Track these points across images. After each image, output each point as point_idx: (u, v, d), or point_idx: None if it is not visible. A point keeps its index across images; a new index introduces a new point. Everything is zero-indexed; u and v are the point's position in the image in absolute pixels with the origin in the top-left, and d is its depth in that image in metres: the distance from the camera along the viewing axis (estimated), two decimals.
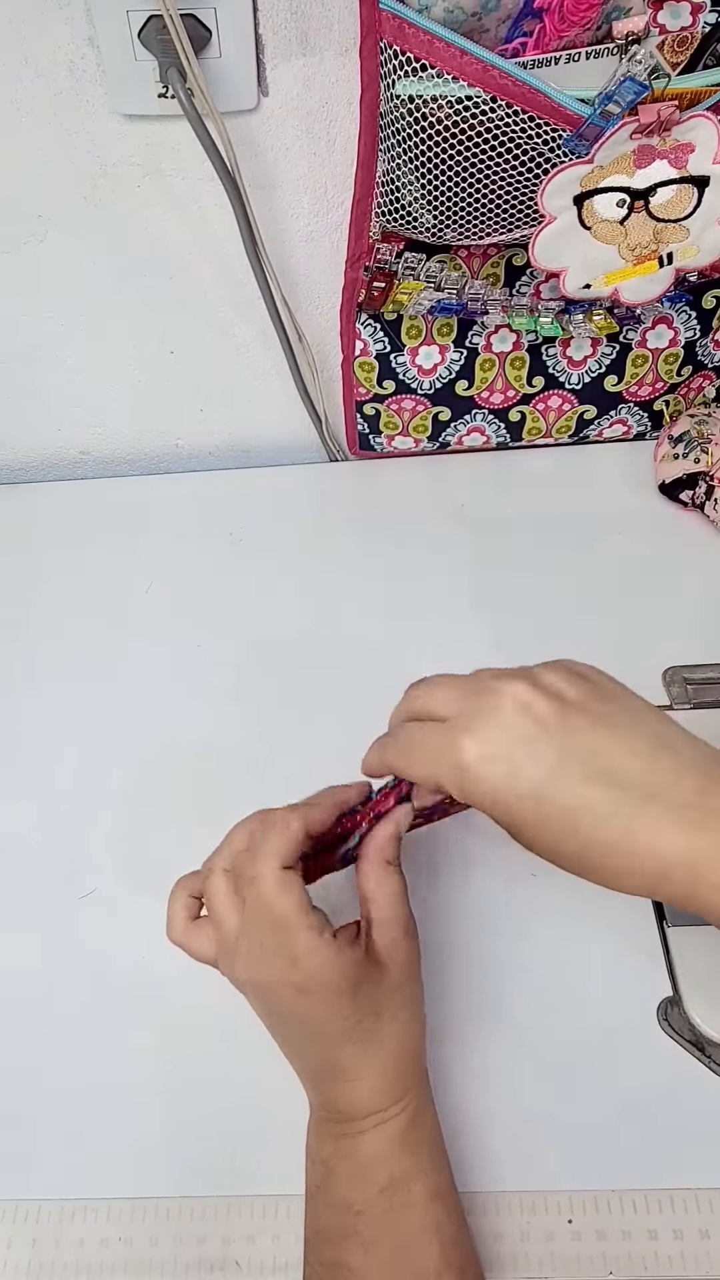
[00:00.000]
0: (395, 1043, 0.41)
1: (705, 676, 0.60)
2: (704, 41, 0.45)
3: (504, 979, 0.51)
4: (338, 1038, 0.40)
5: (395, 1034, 0.41)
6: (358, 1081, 0.40)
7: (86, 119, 0.54)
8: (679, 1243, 0.44)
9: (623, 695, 0.39)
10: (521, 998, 0.50)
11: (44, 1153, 0.48)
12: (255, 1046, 0.50)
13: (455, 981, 0.51)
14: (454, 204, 0.49)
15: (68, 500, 0.75)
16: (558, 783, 0.35)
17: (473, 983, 0.51)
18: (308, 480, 0.74)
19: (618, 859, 0.34)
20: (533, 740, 0.35)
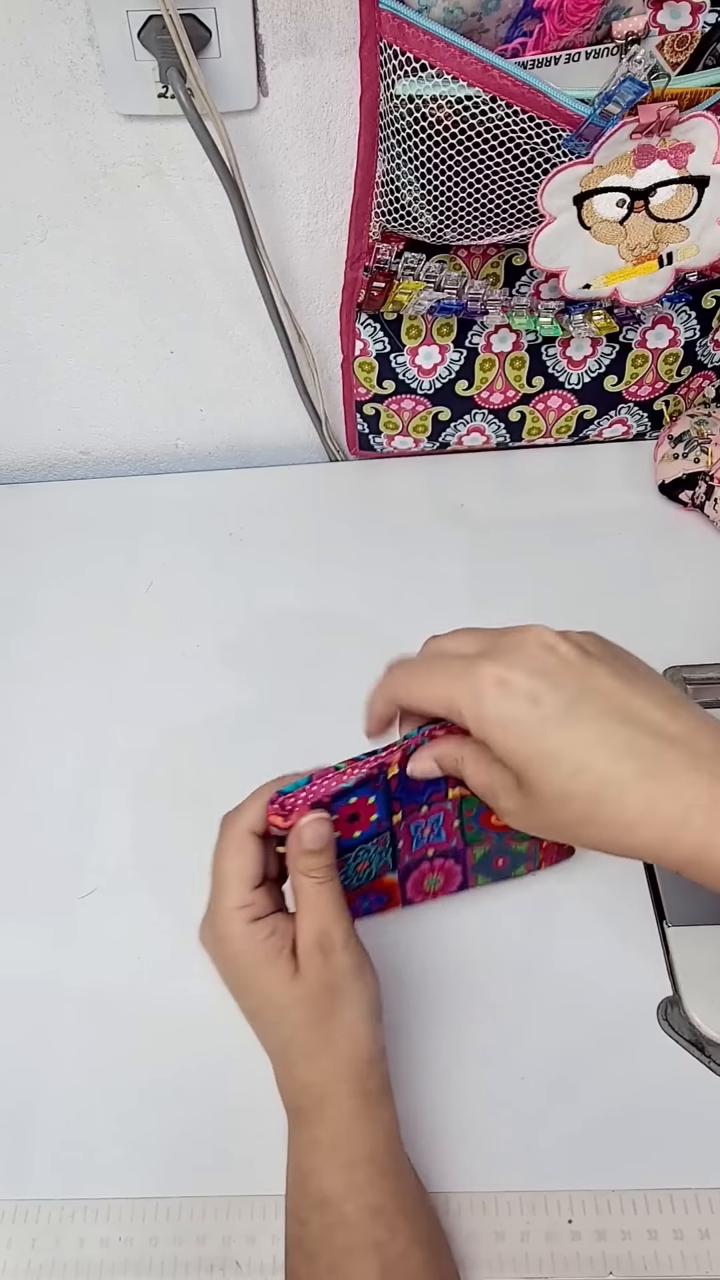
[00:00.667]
0: (306, 1048, 0.40)
1: (705, 676, 0.60)
2: (704, 41, 0.45)
3: (504, 979, 0.51)
4: (253, 1018, 0.41)
5: (309, 1041, 0.40)
6: (282, 1071, 0.41)
7: (86, 119, 0.54)
8: (679, 1243, 0.44)
9: (641, 664, 0.39)
10: (521, 997, 0.50)
11: (44, 1153, 0.48)
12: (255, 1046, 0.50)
13: (455, 981, 0.51)
14: (454, 204, 0.49)
15: (68, 500, 0.75)
16: (577, 709, 0.34)
17: (473, 983, 0.51)
18: (308, 480, 0.74)
19: (634, 801, 0.33)
20: (554, 673, 0.35)
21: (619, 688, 0.35)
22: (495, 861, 0.48)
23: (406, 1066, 0.49)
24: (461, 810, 0.46)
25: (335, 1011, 0.40)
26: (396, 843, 0.45)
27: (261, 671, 0.63)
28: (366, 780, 0.43)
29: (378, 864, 0.46)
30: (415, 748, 0.43)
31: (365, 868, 0.45)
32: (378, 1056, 0.42)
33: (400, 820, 0.45)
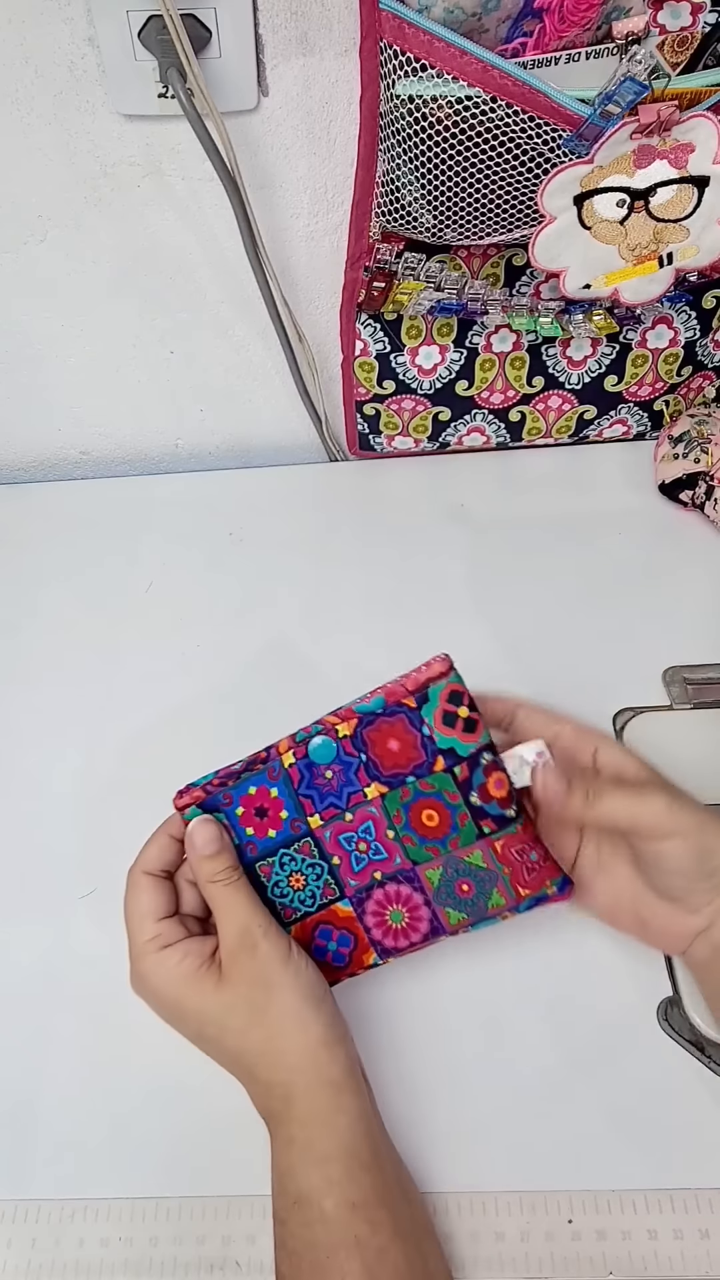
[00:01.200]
0: (255, 1049, 0.41)
1: (705, 676, 0.60)
2: (704, 41, 0.45)
3: (504, 979, 0.51)
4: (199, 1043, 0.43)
5: (254, 1042, 0.41)
6: (246, 1085, 0.42)
7: (87, 119, 0.54)
8: (679, 1243, 0.44)
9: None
10: (521, 997, 0.50)
11: (44, 1153, 0.48)
12: None
13: (455, 981, 0.51)
14: (454, 204, 0.49)
15: (68, 500, 0.74)
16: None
17: (473, 983, 0.51)
18: (308, 480, 0.74)
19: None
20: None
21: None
22: (458, 887, 0.45)
23: (407, 1066, 0.49)
24: (388, 812, 0.44)
25: (272, 1003, 0.41)
26: (330, 858, 0.45)
27: (261, 671, 0.63)
28: (257, 764, 0.45)
29: (317, 883, 0.45)
30: (307, 736, 0.44)
31: (301, 883, 0.45)
32: (333, 1040, 0.42)
33: (322, 826, 0.45)
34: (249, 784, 0.45)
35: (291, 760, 0.45)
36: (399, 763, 0.43)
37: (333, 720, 0.44)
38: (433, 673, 0.42)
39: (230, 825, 0.45)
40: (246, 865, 0.45)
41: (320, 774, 0.44)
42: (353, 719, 0.44)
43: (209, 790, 0.46)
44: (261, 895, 0.45)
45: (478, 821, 0.43)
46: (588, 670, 0.60)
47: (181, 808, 0.46)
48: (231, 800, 0.45)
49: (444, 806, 0.43)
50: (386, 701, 0.43)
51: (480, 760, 0.43)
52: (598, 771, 0.45)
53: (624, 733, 0.58)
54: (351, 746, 0.44)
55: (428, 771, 0.43)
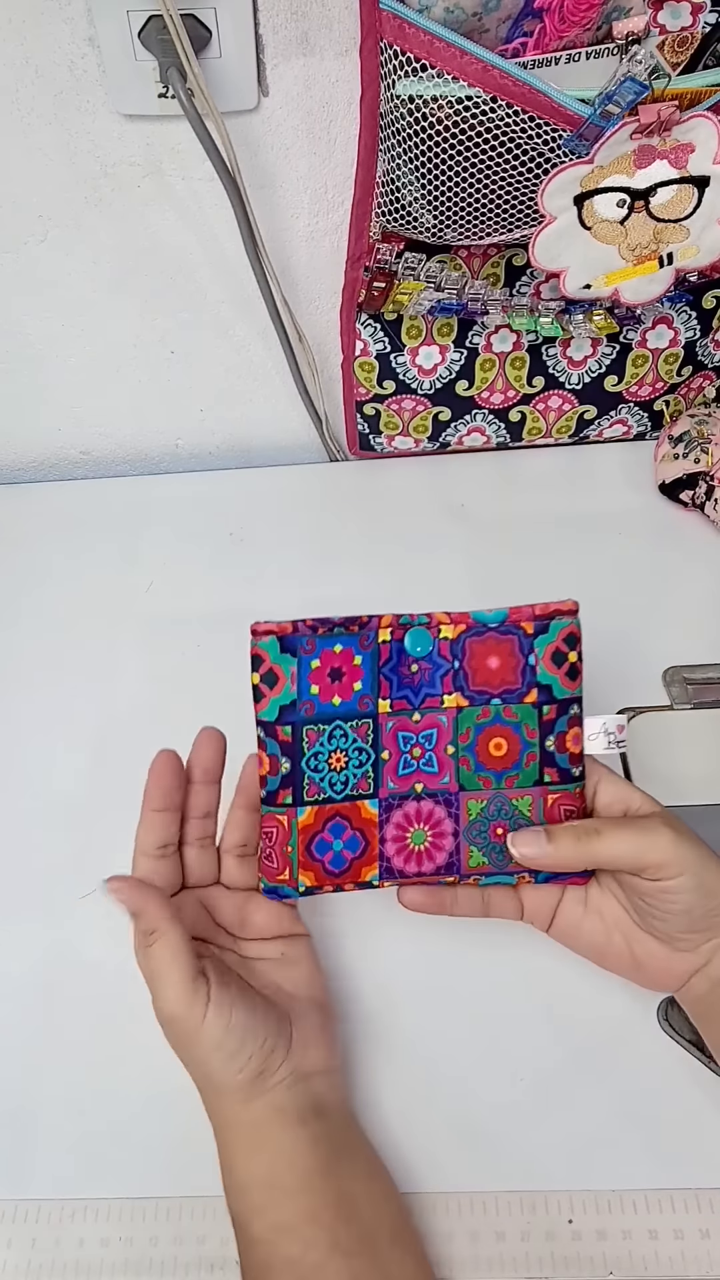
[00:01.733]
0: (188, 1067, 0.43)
1: (705, 676, 0.60)
2: (704, 41, 0.45)
3: (505, 978, 0.51)
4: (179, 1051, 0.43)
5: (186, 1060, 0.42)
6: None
7: (87, 119, 0.54)
8: (679, 1243, 0.44)
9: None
10: (522, 997, 0.50)
11: (44, 1153, 0.48)
12: None
13: (455, 980, 0.51)
14: (454, 204, 0.49)
15: (68, 500, 0.74)
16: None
17: (473, 982, 0.51)
18: (308, 480, 0.74)
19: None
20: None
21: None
22: (493, 829, 0.43)
23: (407, 1066, 0.49)
24: (458, 729, 0.43)
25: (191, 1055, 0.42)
26: (381, 750, 0.43)
27: None
28: (354, 625, 0.43)
29: (357, 770, 0.43)
30: (410, 622, 0.43)
31: (340, 764, 0.43)
32: (243, 1085, 0.41)
33: (389, 713, 0.43)
34: (337, 641, 0.43)
35: (387, 637, 0.43)
36: (491, 682, 0.42)
37: (442, 618, 0.43)
38: (563, 608, 0.42)
39: (299, 676, 0.42)
40: (295, 723, 0.43)
41: (407, 664, 0.43)
42: (463, 624, 0.43)
43: (297, 628, 0.43)
44: (294, 762, 0.43)
45: (543, 768, 0.42)
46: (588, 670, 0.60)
47: (260, 633, 0.43)
48: (313, 650, 0.43)
49: (518, 740, 0.42)
50: (507, 618, 0.42)
51: (570, 709, 0.42)
52: (594, 811, 0.44)
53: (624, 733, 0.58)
54: (449, 650, 0.43)
55: (517, 700, 0.42)
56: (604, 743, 0.43)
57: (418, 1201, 0.45)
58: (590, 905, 0.44)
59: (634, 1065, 0.48)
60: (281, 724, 0.43)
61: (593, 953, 0.44)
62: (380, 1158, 0.44)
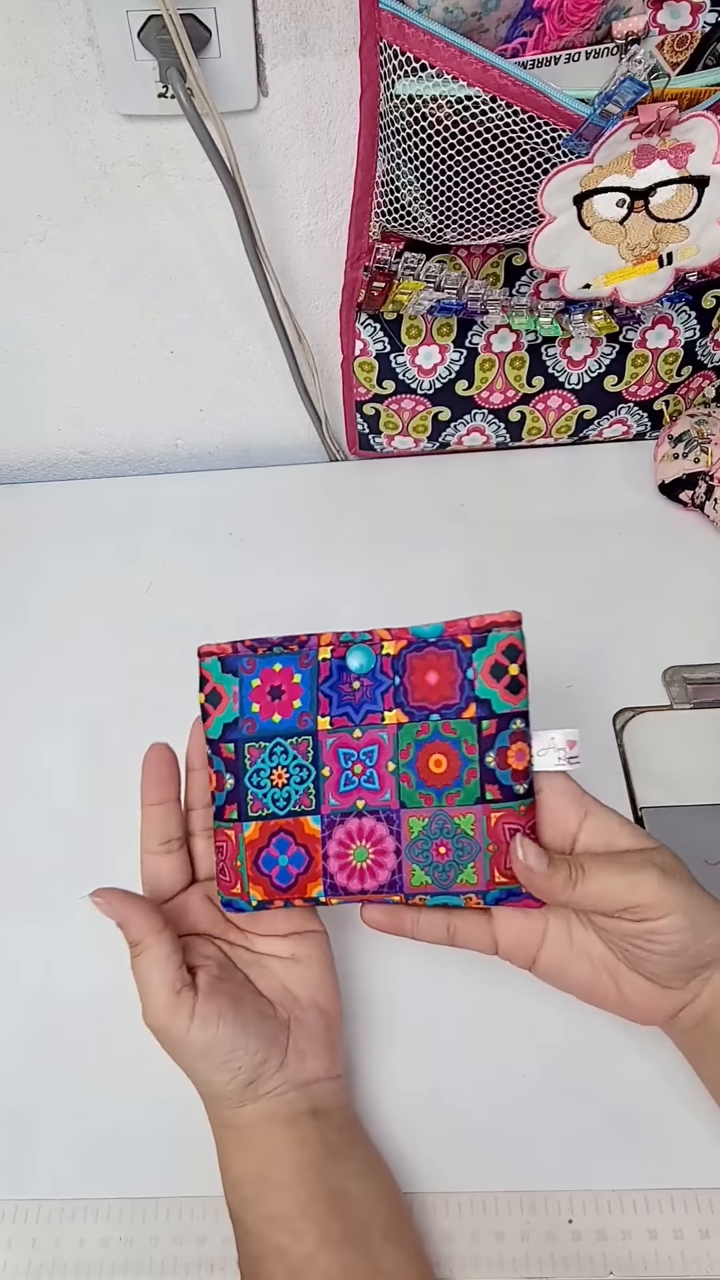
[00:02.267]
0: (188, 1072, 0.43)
1: (705, 676, 0.60)
2: (704, 41, 0.45)
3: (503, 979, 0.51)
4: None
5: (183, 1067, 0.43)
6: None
7: (86, 119, 0.54)
8: (679, 1243, 0.44)
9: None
10: (522, 996, 0.50)
11: (44, 1153, 0.48)
12: None
13: (455, 982, 0.51)
14: (454, 204, 0.49)
15: (68, 500, 0.75)
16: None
17: (472, 983, 0.51)
18: (308, 480, 0.74)
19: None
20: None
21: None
22: (436, 848, 0.41)
23: (407, 1066, 0.49)
24: (398, 745, 0.42)
25: (175, 1059, 0.43)
26: (321, 767, 0.43)
27: None
28: (293, 645, 0.43)
29: (298, 787, 0.43)
30: (352, 640, 0.43)
31: (282, 781, 0.43)
32: (232, 1094, 0.42)
33: (329, 730, 0.43)
34: (276, 660, 0.43)
35: (327, 655, 0.43)
36: (430, 697, 0.42)
37: (384, 635, 0.43)
38: (501, 620, 0.41)
39: (240, 695, 0.44)
40: (237, 741, 0.44)
41: (348, 681, 0.43)
42: (403, 640, 0.42)
43: (237, 649, 0.44)
44: (237, 778, 0.43)
45: (484, 785, 0.41)
46: (588, 670, 0.60)
47: (204, 655, 0.45)
48: (253, 669, 0.44)
49: (457, 757, 0.41)
50: (444, 632, 0.42)
51: (511, 724, 0.41)
52: (575, 844, 0.42)
53: (624, 733, 0.58)
54: (390, 667, 0.42)
55: (455, 715, 0.41)
56: (554, 759, 0.41)
57: (418, 1201, 0.45)
58: (576, 946, 0.43)
59: (634, 1065, 0.48)
60: (225, 741, 0.44)
61: (580, 992, 0.43)
62: (379, 1156, 0.44)
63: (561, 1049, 0.49)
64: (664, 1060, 0.48)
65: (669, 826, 0.54)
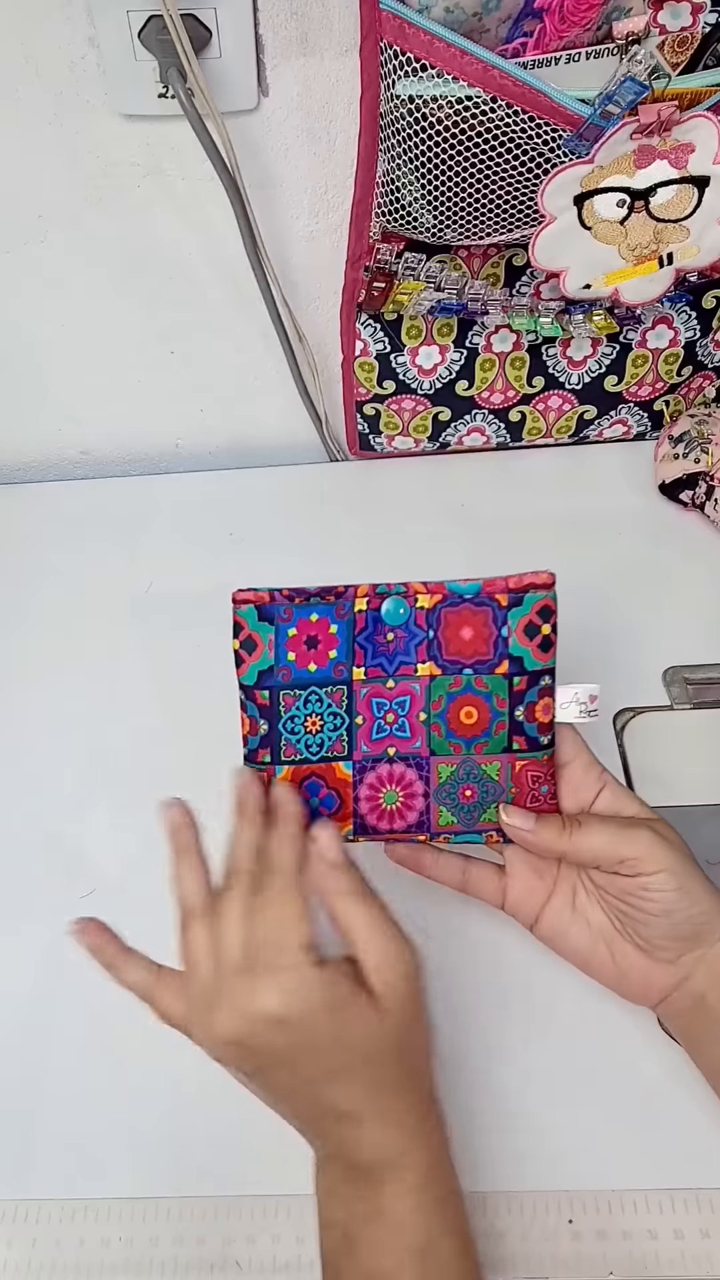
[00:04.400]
0: (403, 1086, 0.38)
1: (705, 676, 0.60)
2: (704, 41, 0.45)
3: (504, 979, 0.51)
4: (332, 1080, 0.37)
5: (403, 1077, 0.38)
6: (365, 1126, 0.37)
7: (87, 119, 0.54)
8: (679, 1243, 0.44)
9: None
10: (522, 997, 0.50)
11: (44, 1153, 0.48)
12: None
13: (455, 981, 0.51)
14: (454, 204, 0.49)
15: (68, 500, 0.75)
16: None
17: (473, 983, 0.51)
18: (308, 480, 0.74)
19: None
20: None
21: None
22: (462, 791, 0.44)
23: None
24: (430, 696, 0.44)
25: (416, 1037, 0.39)
26: (355, 715, 0.44)
27: None
28: (330, 595, 0.44)
29: (331, 734, 0.44)
30: (387, 592, 0.44)
31: (316, 727, 0.44)
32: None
33: (363, 680, 0.44)
34: (313, 610, 0.44)
35: (363, 607, 0.44)
36: (464, 652, 0.43)
37: (418, 588, 0.44)
38: (537, 581, 0.43)
39: (275, 643, 0.44)
40: (272, 688, 0.44)
41: (382, 633, 0.44)
42: (439, 594, 0.44)
43: (274, 598, 0.44)
44: (271, 724, 0.44)
45: (512, 736, 0.43)
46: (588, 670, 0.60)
47: (239, 602, 0.45)
48: (290, 618, 0.44)
49: (488, 710, 0.43)
50: (481, 590, 0.43)
51: (541, 681, 0.43)
52: (589, 815, 0.43)
53: (624, 733, 0.58)
54: (424, 620, 0.44)
55: (489, 671, 0.43)
56: (576, 711, 0.43)
57: None
58: (578, 909, 0.44)
59: (634, 1065, 0.48)
60: (260, 688, 0.45)
61: (578, 959, 0.44)
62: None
63: (562, 1049, 0.49)
64: (664, 1060, 0.48)
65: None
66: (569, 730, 0.45)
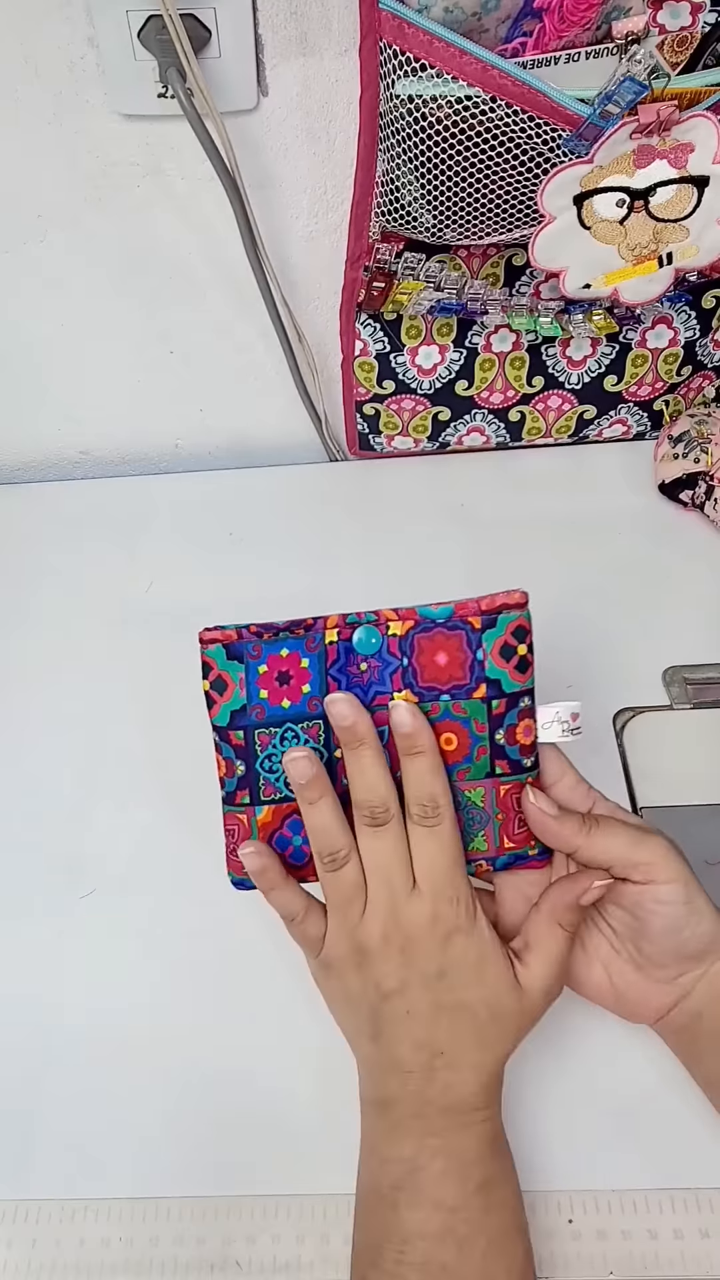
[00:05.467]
0: (497, 1050, 0.41)
1: (705, 676, 0.60)
2: (704, 41, 0.45)
3: None
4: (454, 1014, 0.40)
5: (501, 1045, 0.41)
6: (456, 1070, 0.40)
7: (86, 119, 0.54)
8: (679, 1243, 0.44)
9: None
10: None
11: (44, 1153, 0.48)
12: (256, 1047, 0.50)
13: None
14: (453, 204, 0.49)
15: (68, 500, 0.75)
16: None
17: None
18: (308, 480, 0.74)
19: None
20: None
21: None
22: None
23: None
24: None
25: (523, 1030, 0.42)
26: (333, 749, 0.43)
27: None
28: (299, 629, 0.43)
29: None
30: (357, 621, 0.43)
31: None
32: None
33: None
34: (283, 645, 0.43)
35: (334, 638, 0.43)
36: (439, 678, 0.42)
37: (389, 615, 0.43)
38: (510, 601, 0.42)
39: (247, 681, 0.43)
40: (246, 728, 0.43)
41: (355, 663, 0.43)
42: (410, 620, 0.42)
43: (242, 635, 0.43)
44: (248, 764, 0.43)
45: (494, 760, 0.42)
46: (588, 670, 0.60)
47: (206, 641, 0.44)
48: (260, 655, 0.43)
49: (467, 735, 0.42)
50: (454, 614, 0.42)
51: (520, 703, 0.42)
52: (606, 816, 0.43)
53: (624, 733, 0.58)
54: (397, 648, 0.42)
55: (466, 696, 0.42)
56: (558, 731, 0.42)
57: None
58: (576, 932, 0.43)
59: (634, 1065, 0.48)
60: (234, 729, 0.43)
61: (572, 982, 0.44)
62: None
63: (561, 1049, 0.49)
64: (664, 1060, 0.48)
65: (669, 826, 0.54)
66: (552, 750, 0.43)
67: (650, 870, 0.40)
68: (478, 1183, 0.39)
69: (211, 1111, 0.48)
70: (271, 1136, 0.47)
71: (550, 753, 0.43)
